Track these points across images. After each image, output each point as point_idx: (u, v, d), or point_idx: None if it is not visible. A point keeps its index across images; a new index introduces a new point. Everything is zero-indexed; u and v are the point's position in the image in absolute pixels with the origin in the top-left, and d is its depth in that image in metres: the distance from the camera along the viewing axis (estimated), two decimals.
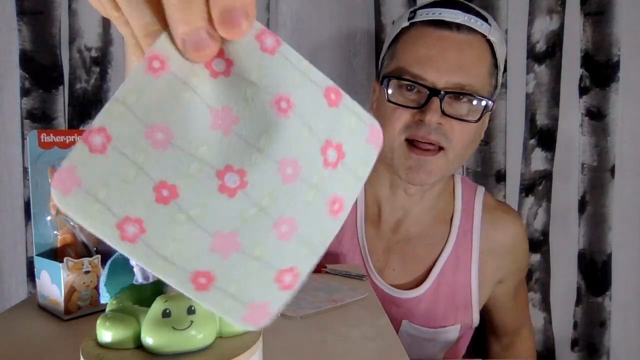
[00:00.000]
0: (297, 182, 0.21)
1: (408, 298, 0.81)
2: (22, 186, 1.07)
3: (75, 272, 0.49)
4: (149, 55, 0.20)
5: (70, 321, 0.49)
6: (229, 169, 0.21)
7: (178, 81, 0.21)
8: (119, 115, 0.19)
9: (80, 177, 0.18)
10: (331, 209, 0.22)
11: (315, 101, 0.22)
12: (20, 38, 1.04)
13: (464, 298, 0.83)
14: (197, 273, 0.21)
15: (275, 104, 0.21)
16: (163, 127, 0.20)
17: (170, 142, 0.20)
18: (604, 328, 1.10)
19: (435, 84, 0.69)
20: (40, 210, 0.53)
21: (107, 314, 0.30)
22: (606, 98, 1.05)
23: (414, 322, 0.82)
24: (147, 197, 0.19)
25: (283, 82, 0.21)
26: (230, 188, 0.21)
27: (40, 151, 0.52)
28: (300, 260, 0.22)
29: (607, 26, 1.04)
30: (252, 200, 0.21)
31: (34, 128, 1.05)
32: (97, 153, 0.19)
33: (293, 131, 0.21)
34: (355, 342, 0.46)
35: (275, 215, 0.21)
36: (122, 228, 0.19)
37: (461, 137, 0.72)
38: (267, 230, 0.22)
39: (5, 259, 1.08)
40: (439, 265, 0.82)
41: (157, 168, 0.20)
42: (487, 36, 0.72)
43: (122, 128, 0.19)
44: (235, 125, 0.21)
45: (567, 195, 1.08)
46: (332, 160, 0.22)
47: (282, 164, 0.21)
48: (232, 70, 0.21)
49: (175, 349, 0.28)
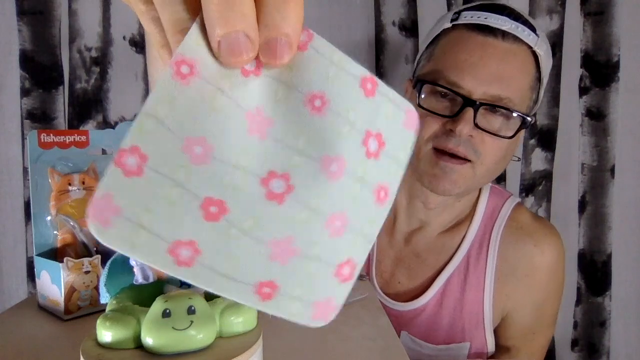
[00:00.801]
0: (344, 178, 0.21)
1: (408, 310, 0.77)
2: (22, 186, 1.07)
3: (75, 272, 0.49)
4: (176, 60, 0.19)
5: (70, 321, 0.49)
6: (273, 175, 0.20)
7: (210, 87, 0.19)
8: (151, 131, 0.18)
9: (118, 205, 0.17)
10: (378, 197, 0.23)
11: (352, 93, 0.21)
12: (20, 38, 1.04)
13: (474, 316, 0.76)
14: (261, 284, 0.20)
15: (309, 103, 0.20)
16: (200, 140, 0.18)
17: (210, 155, 0.19)
18: (604, 328, 1.10)
19: (471, 94, 0.65)
20: (40, 210, 0.53)
21: (107, 314, 0.30)
22: (606, 98, 1.05)
23: (414, 334, 0.77)
24: (195, 217, 0.18)
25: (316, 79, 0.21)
26: (277, 194, 0.20)
27: (40, 151, 0.52)
28: (355, 251, 0.23)
29: (607, 26, 1.04)
30: (302, 204, 0.21)
31: (34, 128, 1.05)
32: (133, 176, 0.17)
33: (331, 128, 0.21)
34: (355, 342, 0.46)
35: (327, 213, 0.21)
36: (175, 253, 0.18)
37: (492, 152, 0.67)
38: (321, 230, 0.21)
39: (5, 259, 1.08)
40: (445, 275, 0.77)
41: (200, 184, 0.19)
42: (533, 47, 0.67)
43: (157, 145, 0.18)
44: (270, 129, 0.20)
45: (567, 195, 1.08)
46: (374, 150, 0.22)
47: (324, 162, 0.21)
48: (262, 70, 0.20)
49: (175, 349, 0.28)
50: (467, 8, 0.70)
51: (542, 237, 0.77)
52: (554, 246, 0.77)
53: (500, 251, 0.76)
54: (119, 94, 1.08)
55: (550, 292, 0.78)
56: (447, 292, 0.76)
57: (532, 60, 0.68)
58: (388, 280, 0.80)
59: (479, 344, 0.77)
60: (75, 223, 0.53)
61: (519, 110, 0.67)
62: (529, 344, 0.80)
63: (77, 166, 0.55)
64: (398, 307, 0.78)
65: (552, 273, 0.77)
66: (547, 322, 0.81)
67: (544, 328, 0.81)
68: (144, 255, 0.17)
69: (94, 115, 1.08)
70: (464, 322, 0.76)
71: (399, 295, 0.79)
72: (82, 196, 0.55)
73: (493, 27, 0.66)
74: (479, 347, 0.77)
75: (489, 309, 0.76)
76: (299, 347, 0.45)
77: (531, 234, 0.77)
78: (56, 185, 0.53)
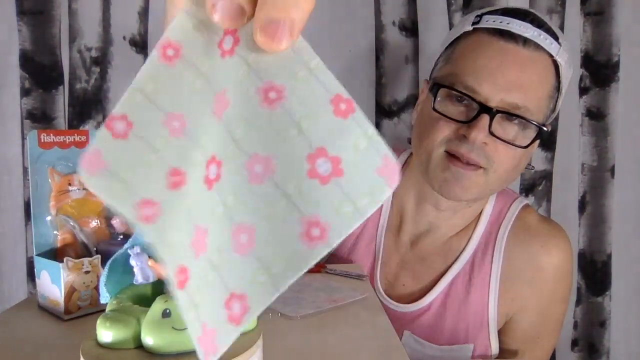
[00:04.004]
0: (266, 184, 0.19)
1: (412, 311, 0.76)
2: (22, 186, 1.07)
3: (75, 272, 0.49)
4: (163, 43, 0.20)
5: (70, 321, 0.49)
6: (213, 160, 0.20)
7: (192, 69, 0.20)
8: (138, 103, 0.20)
9: (105, 160, 0.19)
10: (307, 232, 0.18)
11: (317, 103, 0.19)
12: (20, 38, 1.04)
13: (479, 318, 0.75)
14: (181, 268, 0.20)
15: (263, 92, 0.19)
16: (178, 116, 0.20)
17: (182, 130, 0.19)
18: (604, 328, 1.10)
19: (488, 100, 0.64)
20: (40, 210, 0.53)
21: (107, 314, 0.30)
22: (606, 98, 1.05)
23: (417, 334, 0.76)
24: (162, 183, 0.19)
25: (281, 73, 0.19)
26: (210, 179, 0.20)
27: (40, 151, 0.52)
28: (253, 289, 0.19)
29: (607, 26, 1.04)
30: (221, 197, 0.20)
31: (34, 128, 1.05)
32: (119, 138, 0.19)
33: (275, 125, 0.19)
34: (355, 342, 0.46)
35: (237, 219, 0.19)
36: (141, 208, 0.19)
37: (505, 161, 0.66)
38: (227, 237, 0.20)
39: (5, 259, 1.07)
40: (449, 276, 0.76)
41: (171, 155, 0.20)
42: (554, 57, 0.66)
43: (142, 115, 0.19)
44: (225, 111, 0.20)
45: (567, 195, 1.08)
46: (323, 173, 0.19)
47: (251, 158, 0.19)
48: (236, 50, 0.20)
49: (175, 349, 0.28)
50: (489, 12, 0.69)
51: (550, 239, 0.76)
52: (561, 248, 0.75)
53: (506, 252, 0.75)
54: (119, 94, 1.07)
55: (557, 295, 0.77)
56: (451, 293, 0.76)
57: (553, 70, 0.67)
58: (392, 283, 0.79)
59: (483, 347, 0.76)
60: (75, 223, 0.53)
61: (536, 120, 0.65)
62: (533, 348, 0.79)
63: (77, 166, 0.55)
64: (401, 308, 0.77)
65: (559, 275, 0.75)
66: (553, 326, 0.80)
67: (550, 333, 0.80)
68: (117, 203, 0.19)
69: (94, 115, 1.08)
70: (468, 324, 0.75)
71: (403, 297, 0.79)
72: (82, 196, 0.55)
73: (515, 33, 0.64)
74: (483, 350, 0.76)
75: (494, 311, 0.75)
76: (299, 347, 0.45)
77: (538, 235, 0.75)
78: (56, 185, 0.53)
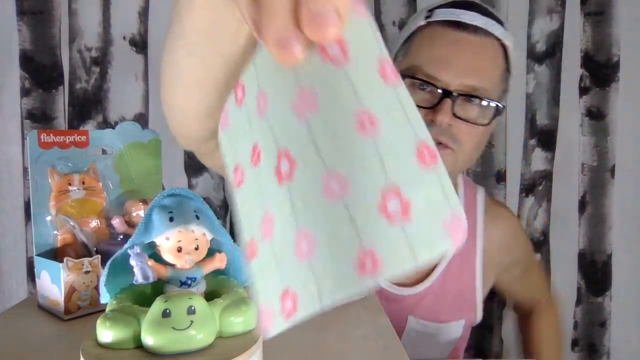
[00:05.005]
0: (337, 203, 0.18)
1: (411, 294, 0.81)
2: (22, 186, 1.07)
3: (75, 272, 0.49)
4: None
5: (70, 321, 0.49)
6: (286, 154, 0.20)
7: None
8: (250, 75, 0.22)
9: (229, 120, 0.23)
10: (361, 260, 0.18)
11: (404, 145, 0.19)
12: (20, 38, 1.04)
13: (469, 295, 0.83)
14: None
15: (359, 116, 0.19)
16: (264, 95, 0.21)
17: (264, 112, 0.21)
18: (604, 328, 1.10)
19: (449, 85, 0.69)
20: (40, 210, 0.52)
21: (107, 314, 0.30)
22: (606, 98, 1.05)
23: (420, 317, 0.82)
24: (247, 155, 0.22)
25: (381, 107, 0.19)
26: (280, 173, 0.20)
27: (40, 151, 0.52)
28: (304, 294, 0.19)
29: (607, 26, 1.04)
30: (291, 197, 0.20)
31: (34, 128, 1.05)
32: (238, 104, 0.23)
33: (360, 152, 0.19)
34: (355, 342, 0.46)
35: (302, 225, 0.19)
36: (235, 173, 0.23)
37: (470, 139, 0.72)
38: (290, 237, 0.20)
39: (5, 259, 1.08)
40: (444, 261, 0.82)
41: (255, 131, 0.22)
42: (502, 40, 0.72)
43: (250, 86, 0.22)
44: (310, 114, 0.19)
45: (567, 195, 1.08)
46: (391, 211, 0.18)
47: (330, 174, 0.19)
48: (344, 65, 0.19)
49: (175, 349, 0.28)
50: (439, 6, 0.75)
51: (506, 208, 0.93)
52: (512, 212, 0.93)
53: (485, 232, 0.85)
54: (119, 94, 1.08)
55: (527, 245, 0.94)
56: (448, 273, 0.81)
57: (502, 52, 0.74)
58: None
59: (471, 319, 0.85)
60: (75, 223, 0.53)
61: (493, 99, 0.72)
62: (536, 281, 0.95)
63: (77, 166, 0.55)
64: (404, 292, 0.81)
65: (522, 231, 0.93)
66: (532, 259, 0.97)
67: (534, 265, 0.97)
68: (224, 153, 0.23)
69: (94, 115, 1.08)
70: (462, 300, 0.83)
71: (404, 282, 0.83)
72: (82, 196, 0.55)
73: (466, 23, 0.71)
74: (471, 321, 0.85)
75: (480, 286, 0.84)
76: (299, 347, 0.45)
77: (502, 208, 0.90)
78: (56, 185, 0.53)
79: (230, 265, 0.35)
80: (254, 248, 0.21)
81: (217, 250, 0.35)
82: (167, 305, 0.29)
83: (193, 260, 0.33)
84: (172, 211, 0.32)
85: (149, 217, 0.33)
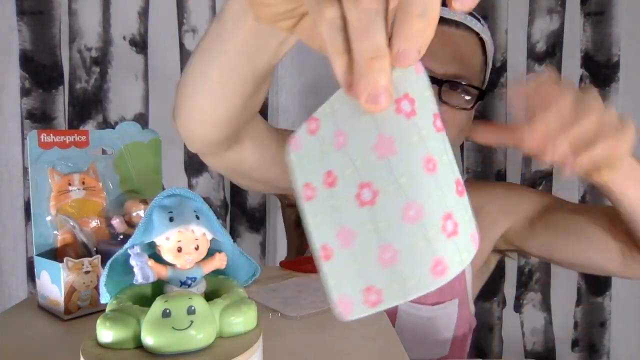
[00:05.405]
0: (415, 225, 0.24)
1: None
2: (22, 186, 1.07)
3: (75, 272, 0.49)
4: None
5: (70, 321, 0.49)
6: (368, 185, 0.25)
7: None
8: (327, 114, 0.26)
9: (301, 144, 0.27)
10: (434, 266, 0.24)
11: (450, 182, 0.25)
12: (20, 38, 1.04)
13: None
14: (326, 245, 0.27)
15: (425, 161, 0.24)
16: (344, 134, 0.26)
17: (344, 145, 0.26)
18: (604, 328, 1.10)
19: (435, 74, 0.73)
20: (40, 210, 0.52)
21: (107, 314, 0.30)
22: (606, 98, 1.05)
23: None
24: (320, 178, 0.27)
25: (437, 152, 0.25)
26: (363, 200, 0.25)
27: (40, 151, 0.52)
28: (389, 290, 0.25)
29: (607, 26, 1.04)
30: (373, 217, 0.25)
31: (34, 128, 1.05)
32: (310, 134, 0.27)
33: (428, 187, 0.24)
34: (355, 342, 0.46)
35: (385, 240, 0.25)
36: (305, 189, 0.27)
37: (454, 124, 0.77)
38: (374, 249, 0.25)
39: (5, 259, 1.08)
40: None
41: (332, 161, 0.26)
42: (480, 34, 0.78)
43: (327, 124, 0.26)
44: (390, 156, 0.25)
45: (567, 195, 1.08)
46: (449, 230, 0.24)
47: (409, 203, 0.24)
48: (412, 118, 0.25)
49: (175, 349, 0.28)
50: None
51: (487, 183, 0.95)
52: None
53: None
54: (119, 94, 1.08)
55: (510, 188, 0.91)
56: None
57: (480, 46, 0.79)
58: None
59: (462, 297, 0.84)
60: (75, 223, 0.53)
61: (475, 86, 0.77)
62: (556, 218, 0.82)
63: (77, 166, 0.55)
64: None
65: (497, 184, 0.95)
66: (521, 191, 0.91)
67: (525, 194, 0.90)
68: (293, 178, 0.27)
69: (94, 115, 1.08)
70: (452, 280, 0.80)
71: None
72: (82, 196, 0.55)
73: (448, 19, 0.76)
74: (463, 300, 0.84)
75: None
76: (298, 347, 0.45)
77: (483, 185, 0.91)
78: (56, 185, 0.53)
79: (230, 265, 0.35)
80: (328, 252, 0.27)
81: (217, 250, 0.35)
82: (167, 305, 0.29)
83: (193, 260, 0.33)
84: (172, 211, 0.32)
85: (149, 217, 0.33)
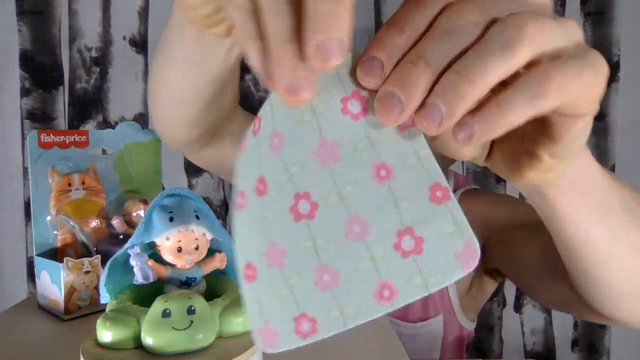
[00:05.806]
0: (359, 243, 0.21)
1: None
2: (22, 186, 1.07)
3: (75, 272, 0.49)
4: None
5: (70, 321, 0.49)
6: (306, 196, 0.22)
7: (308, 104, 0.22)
8: (267, 112, 0.22)
9: (245, 146, 0.22)
10: (379, 291, 0.21)
11: (417, 188, 0.21)
12: (20, 38, 1.04)
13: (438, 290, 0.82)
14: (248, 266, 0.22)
15: (376, 168, 0.21)
16: (280, 135, 0.22)
17: (279, 148, 0.22)
18: (604, 328, 1.10)
19: None
20: (40, 210, 0.52)
21: (107, 314, 0.30)
22: (606, 98, 1.05)
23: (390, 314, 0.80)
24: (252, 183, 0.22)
25: (393, 154, 0.22)
26: (299, 213, 0.22)
27: (40, 151, 0.52)
28: (325, 318, 0.22)
29: (607, 26, 1.04)
30: (312, 234, 0.22)
31: (34, 128, 1.05)
32: (254, 134, 0.22)
33: (378, 199, 0.21)
34: (355, 342, 0.46)
35: (324, 261, 0.22)
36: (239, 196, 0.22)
37: None
38: (310, 271, 0.22)
39: (5, 259, 1.08)
40: None
41: (265, 166, 0.22)
42: None
43: (266, 123, 0.22)
44: (334, 163, 0.22)
45: None
46: (405, 248, 0.21)
47: (352, 218, 0.21)
48: (361, 120, 0.22)
49: (175, 349, 0.28)
50: None
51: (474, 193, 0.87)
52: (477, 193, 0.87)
53: None
54: (119, 94, 1.08)
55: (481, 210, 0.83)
56: None
57: None
58: None
59: (448, 312, 0.82)
60: (75, 223, 0.53)
61: None
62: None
63: (77, 166, 0.55)
64: None
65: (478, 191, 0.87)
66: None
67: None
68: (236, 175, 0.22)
69: (94, 115, 1.08)
70: (435, 296, 0.80)
71: None
72: (82, 196, 0.55)
73: None
74: (449, 315, 0.82)
75: None
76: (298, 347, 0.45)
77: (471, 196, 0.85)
78: (56, 185, 0.53)
79: (230, 265, 0.35)
80: (252, 272, 0.22)
81: (217, 250, 0.35)
82: (167, 305, 0.29)
83: (193, 260, 0.33)
84: (172, 211, 0.32)
85: (149, 217, 0.33)
